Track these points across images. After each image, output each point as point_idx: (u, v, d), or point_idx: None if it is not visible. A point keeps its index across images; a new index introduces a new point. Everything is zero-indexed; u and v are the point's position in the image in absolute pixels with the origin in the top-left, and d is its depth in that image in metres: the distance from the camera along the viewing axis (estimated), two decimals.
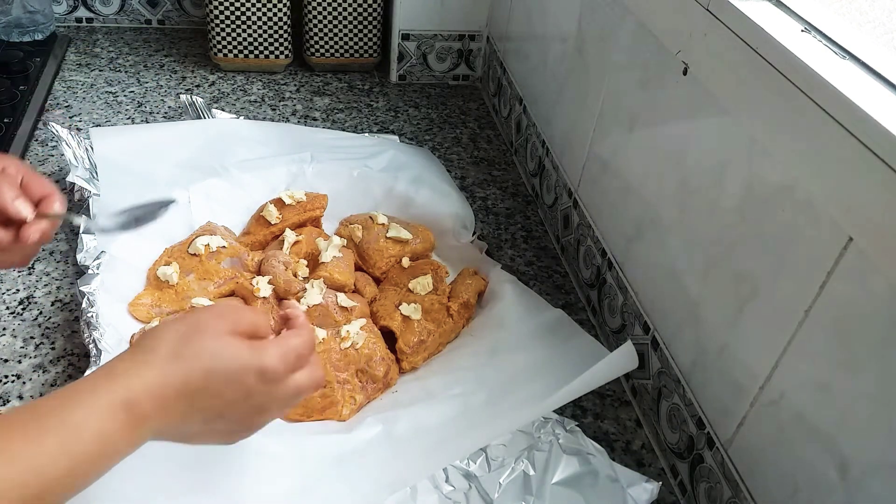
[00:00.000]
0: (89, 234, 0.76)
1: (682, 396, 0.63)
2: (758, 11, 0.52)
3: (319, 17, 1.18)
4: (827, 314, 0.47)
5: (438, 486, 0.58)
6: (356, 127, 1.10)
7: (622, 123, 0.75)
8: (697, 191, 0.61)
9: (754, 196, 0.54)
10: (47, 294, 0.76)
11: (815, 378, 0.48)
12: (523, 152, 1.04)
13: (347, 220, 0.87)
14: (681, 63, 0.60)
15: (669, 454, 0.66)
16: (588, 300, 0.82)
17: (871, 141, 0.41)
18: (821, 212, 0.47)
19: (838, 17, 0.52)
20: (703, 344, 0.61)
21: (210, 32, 1.17)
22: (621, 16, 0.74)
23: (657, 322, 0.68)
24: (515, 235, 0.93)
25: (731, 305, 0.57)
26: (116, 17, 1.32)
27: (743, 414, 0.55)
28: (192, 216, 0.83)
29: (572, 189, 0.87)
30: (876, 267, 0.43)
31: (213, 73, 1.20)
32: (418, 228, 0.85)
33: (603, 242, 0.79)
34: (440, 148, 1.08)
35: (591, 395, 0.72)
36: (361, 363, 0.68)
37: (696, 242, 0.62)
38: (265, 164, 0.90)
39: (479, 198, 0.98)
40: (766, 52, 0.49)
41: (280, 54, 1.20)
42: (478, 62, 1.26)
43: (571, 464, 0.60)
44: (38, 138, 0.99)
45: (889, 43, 0.49)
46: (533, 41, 1.02)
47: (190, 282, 0.74)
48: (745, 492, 0.55)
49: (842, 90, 0.43)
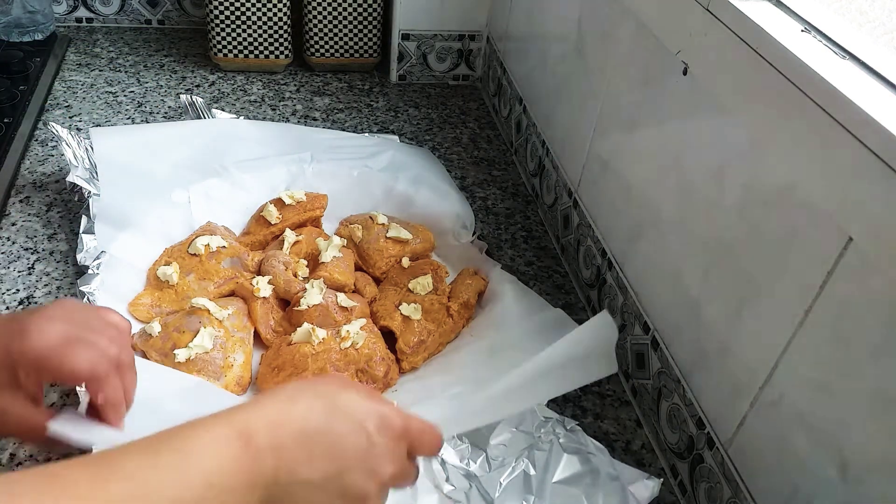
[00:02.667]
0: (89, 234, 0.76)
1: (682, 396, 0.63)
2: (758, 11, 0.52)
3: (319, 17, 1.18)
4: (827, 314, 0.47)
5: (439, 486, 0.58)
6: (356, 127, 1.10)
7: (622, 123, 0.75)
8: (697, 191, 0.61)
9: (754, 196, 0.54)
10: (47, 294, 0.76)
11: (815, 378, 0.48)
12: (523, 152, 1.04)
13: (347, 220, 0.87)
14: (681, 63, 0.60)
15: (669, 454, 0.66)
16: (588, 300, 0.82)
17: (871, 141, 0.41)
18: (821, 212, 0.47)
19: (838, 17, 0.52)
20: (703, 344, 0.61)
21: (210, 32, 1.17)
22: (621, 16, 0.74)
23: (657, 322, 0.68)
24: (515, 235, 0.93)
25: (731, 305, 0.57)
26: (116, 17, 1.32)
27: (743, 414, 0.55)
28: (192, 216, 0.83)
29: (572, 189, 0.87)
30: (876, 267, 0.43)
31: (213, 73, 1.20)
32: (418, 228, 0.85)
33: (603, 242, 0.79)
34: (440, 148, 1.08)
35: (591, 395, 0.72)
36: (361, 363, 0.68)
37: (696, 242, 0.62)
38: (265, 164, 0.90)
39: (479, 198, 0.98)
40: (766, 52, 0.49)
41: (280, 54, 1.20)
42: (478, 62, 1.26)
43: (572, 462, 0.60)
44: (38, 138, 0.99)
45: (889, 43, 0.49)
46: (533, 41, 1.02)
47: (190, 282, 0.74)
48: (745, 492, 0.55)
49: (842, 90, 0.43)
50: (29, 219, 0.85)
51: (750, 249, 0.55)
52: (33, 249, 0.81)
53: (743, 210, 0.55)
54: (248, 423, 0.38)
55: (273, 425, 0.38)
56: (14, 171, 0.91)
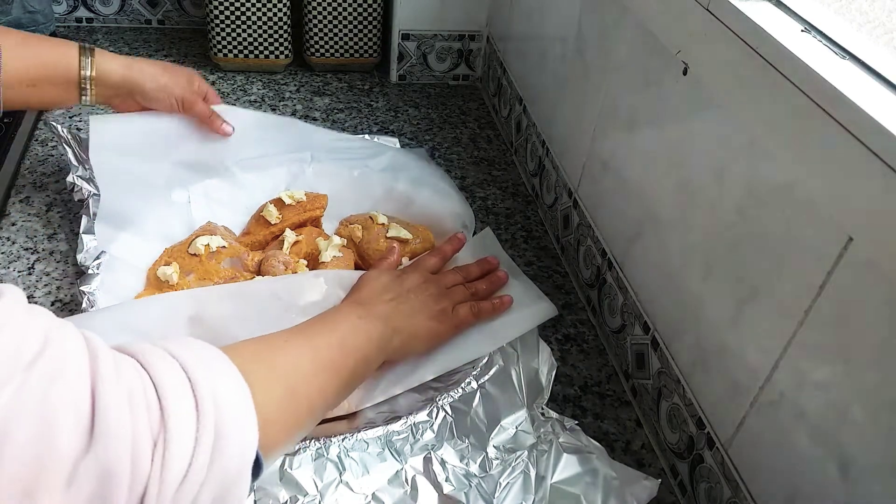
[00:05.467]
0: (89, 234, 0.76)
1: (682, 396, 0.63)
2: (758, 11, 0.52)
3: (319, 17, 1.18)
4: (827, 314, 0.47)
5: (439, 486, 0.58)
6: (356, 127, 1.10)
7: (622, 123, 0.75)
8: (697, 191, 0.61)
9: (754, 196, 0.54)
10: (47, 294, 0.76)
11: (815, 378, 0.48)
12: (523, 152, 1.04)
13: (347, 220, 0.87)
14: (681, 63, 0.60)
15: (669, 454, 0.66)
16: (588, 300, 0.82)
17: (870, 141, 0.41)
18: (821, 212, 0.47)
19: (838, 17, 0.52)
20: (703, 344, 0.61)
21: (210, 32, 1.17)
22: (621, 16, 0.74)
23: (657, 322, 0.68)
24: (515, 235, 0.93)
25: (731, 305, 0.57)
26: (116, 17, 1.32)
27: (743, 414, 0.55)
28: (192, 216, 0.83)
29: (572, 189, 0.87)
30: (876, 267, 0.43)
31: (213, 73, 1.20)
32: (418, 228, 0.85)
33: (603, 242, 0.79)
34: (440, 148, 1.08)
35: (591, 395, 0.72)
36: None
37: (696, 242, 0.62)
38: (265, 164, 0.90)
39: (479, 198, 0.98)
40: (766, 52, 0.49)
41: (280, 54, 1.20)
42: (478, 62, 1.26)
43: (571, 462, 0.60)
44: (38, 138, 0.99)
45: (889, 43, 0.49)
46: (533, 41, 1.02)
47: (190, 282, 0.74)
48: (745, 492, 0.55)
49: (842, 90, 0.43)
50: (29, 219, 0.85)
51: (750, 249, 0.55)
52: (33, 249, 0.81)
53: (743, 210, 0.55)
54: (362, 302, 0.64)
55: (373, 299, 0.64)
56: (14, 171, 0.91)
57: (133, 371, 0.37)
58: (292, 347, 0.53)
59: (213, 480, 0.37)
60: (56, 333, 0.34)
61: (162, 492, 0.34)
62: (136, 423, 0.34)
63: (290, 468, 0.57)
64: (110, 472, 0.33)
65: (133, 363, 0.38)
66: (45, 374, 0.32)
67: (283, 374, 0.49)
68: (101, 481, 0.33)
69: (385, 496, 0.57)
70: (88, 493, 0.32)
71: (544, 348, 0.69)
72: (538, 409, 0.64)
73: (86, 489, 0.32)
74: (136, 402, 0.35)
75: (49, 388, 0.32)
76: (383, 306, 0.64)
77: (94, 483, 0.32)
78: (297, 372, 0.51)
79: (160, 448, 0.35)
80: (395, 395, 0.66)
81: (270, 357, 0.50)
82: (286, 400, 0.48)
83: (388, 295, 0.65)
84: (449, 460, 0.60)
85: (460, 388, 0.65)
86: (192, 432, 0.36)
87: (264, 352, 0.51)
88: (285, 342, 0.54)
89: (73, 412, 0.33)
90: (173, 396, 0.36)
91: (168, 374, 0.37)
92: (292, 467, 0.57)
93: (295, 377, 0.51)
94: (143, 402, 0.35)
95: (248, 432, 0.40)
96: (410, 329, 0.64)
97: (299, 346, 0.54)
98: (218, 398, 0.38)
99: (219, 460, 0.37)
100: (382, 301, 0.64)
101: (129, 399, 0.35)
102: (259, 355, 0.50)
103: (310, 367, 0.53)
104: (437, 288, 0.69)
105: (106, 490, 0.33)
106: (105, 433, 0.33)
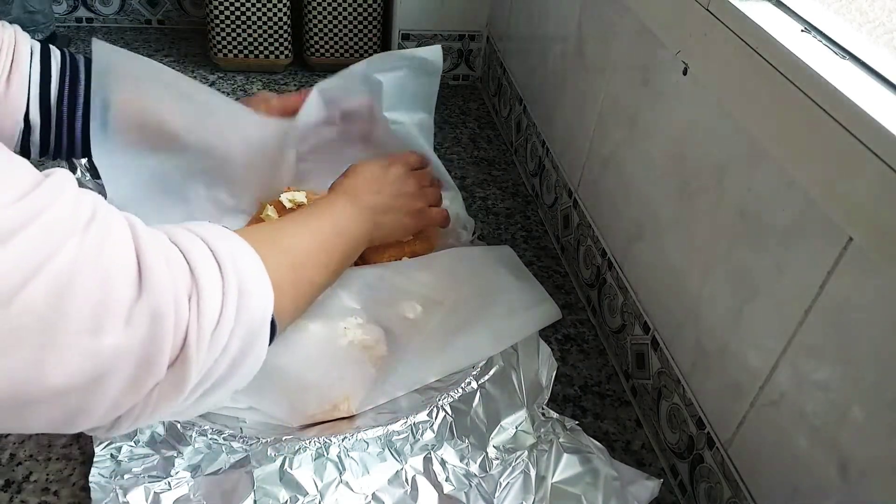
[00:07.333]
0: None
1: (682, 396, 0.63)
2: (758, 11, 0.52)
3: (319, 17, 1.18)
4: (827, 314, 0.47)
5: (439, 486, 0.58)
6: None
7: (622, 123, 0.75)
8: (697, 191, 0.61)
9: (754, 196, 0.54)
10: None
11: (815, 378, 0.48)
12: (523, 152, 1.04)
13: None
14: (681, 63, 0.60)
15: (669, 454, 0.66)
16: (588, 300, 0.82)
17: (870, 141, 0.41)
18: (821, 212, 0.47)
19: (838, 17, 0.52)
20: (703, 344, 0.61)
21: (210, 32, 1.17)
22: (621, 16, 0.74)
23: (657, 322, 0.68)
24: (515, 235, 0.93)
25: (731, 305, 0.57)
26: (116, 17, 1.32)
27: (743, 414, 0.55)
28: (191, 216, 0.83)
29: (572, 189, 0.87)
30: (876, 267, 0.43)
31: (213, 73, 1.20)
32: None
33: (603, 242, 0.79)
34: (440, 148, 1.08)
35: (591, 395, 0.72)
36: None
37: (696, 242, 0.62)
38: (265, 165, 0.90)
39: (479, 198, 0.98)
40: (766, 52, 0.49)
41: (280, 54, 1.20)
42: (478, 62, 1.26)
43: (572, 462, 0.60)
44: None
45: (889, 43, 0.49)
46: (533, 41, 1.02)
47: None
48: (745, 492, 0.55)
49: (842, 90, 0.43)
50: None
51: (750, 249, 0.55)
52: None
53: (743, 210, 0.55)
54: (351, 191, 0.71)
55: (361, 189, 0.71)
56: None
57: (165, 240, 0.44)
58: (294, 230, 0.60)
59: (240, 330, 0.44)
60: (101, 205, 0.40)
61: (200, 336, 0.41)
62: (175, 278, 0.41)
63: (290, 468, 0.57)
64: (160, 315, 0.39)
65: (163, 235, 0.44)
66: (99, 234, 0.38)
67: (287, 250, 0.56)
68: (152, 323, 0.39)
69: (385, 496, 0.57)
70: (143, 334, 0.39)
71: (544, 348, 0.69)
72: (538, 409, 0.64)
73: (141, 330, 0.39)
74: (172, 264, 0.42)
75: (103, 246, 0.38)
76: (370, 197, 0.71)
77: (147, 325, 0.39)
78: (300, 250, 0.58)
79: (195, 300, 0.42)
80: (397, 396, 0.66)
81: (276, 238, 0.57)
82: (292, 273, 0.55)
83: (375, 186, 0.73)
84: (449, 460, 0.60)
85: (460, 388, 0.65)
86: (220, 289, 0.43)
87: (270, 234, 0.59)
88: (287, 226, 0.62)
89: (123, 267, 0.39)
90: (201, 261, 0.43)
91: (193, 245, 0.44)
92: (292, 467, 0.57)
93: (298, 254, 0.57)
94: (177, 264, 0.42)
95: (266, 292, 0.47)
96: (391, 224, 0.73)
97: (300, 229, 0.61)
98: (237, 264, 0.45)
99: (244, 313, 0.44)
100: (370, 192, 0.72)
101: (167, 261, 0.41)
102: (266, 237, 0.56)
103: (310, 246, 0.60)
104: (416, 186, 0.77)
105: (156, 332, 0.39)
106: (152, 284, 0.39)
